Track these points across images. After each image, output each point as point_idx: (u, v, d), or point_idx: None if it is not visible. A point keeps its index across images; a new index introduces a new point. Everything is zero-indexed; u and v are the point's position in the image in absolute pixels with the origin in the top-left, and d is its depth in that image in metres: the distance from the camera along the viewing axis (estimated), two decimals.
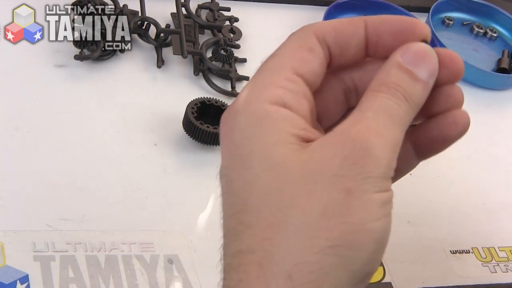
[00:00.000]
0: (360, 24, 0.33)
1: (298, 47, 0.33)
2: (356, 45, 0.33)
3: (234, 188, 0.30)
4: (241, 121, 0.30)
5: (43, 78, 0.58)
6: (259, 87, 0.31)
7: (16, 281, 0.41)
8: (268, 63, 0.33)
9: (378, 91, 0.30)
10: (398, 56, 0.31)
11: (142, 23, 0.64)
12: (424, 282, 0.49)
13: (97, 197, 0.48)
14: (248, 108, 0.31)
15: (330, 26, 0.33)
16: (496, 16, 0.84)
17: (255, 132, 0.30)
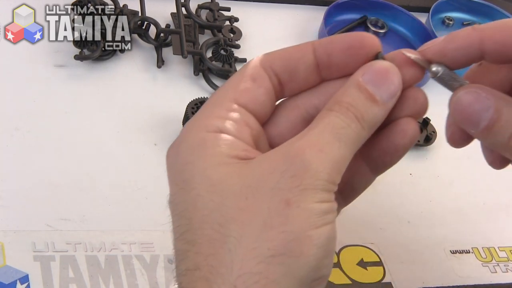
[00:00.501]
0: (307, 48, 0.34)
1: (242, 78, 0.34)
2: (305, 68, 0.34)
3: (179, 210, 0.31)
4: (181, 150, 0.32)
5: (43, 78, 0.58)
6: (199, 119, 0.33)
7: (16, 281, 0.41)
8: (213, 96, 0.34)
9: (330, 109, 0.31)
10: (359, 75, 0.32)
11: (142, 23, 0.64)
12: (424, 282, 0.49)
13: (97, 197, 0.48)
14: (187, 138, 0.32)
15: (276, 54, 0.34)
16: (496, 16, 0.84)
17: (195, 157, 0.31)
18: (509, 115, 0.33)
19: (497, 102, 0.33)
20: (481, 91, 0.34)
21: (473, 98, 0.34)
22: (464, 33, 0.35)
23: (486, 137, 0.35)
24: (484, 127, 0.34)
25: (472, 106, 0.34)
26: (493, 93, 0.34)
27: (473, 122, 0.34)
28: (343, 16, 0.76)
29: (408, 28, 0.77)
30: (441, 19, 0.82)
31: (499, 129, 0.34)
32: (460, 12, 0.84)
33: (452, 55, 0.35)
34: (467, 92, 0.34)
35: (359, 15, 0.77)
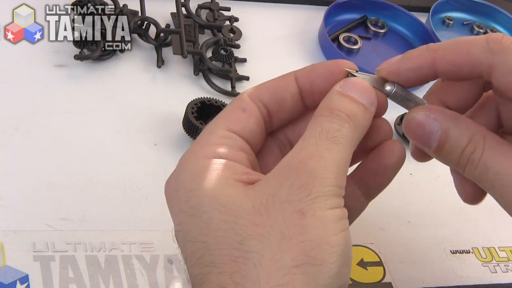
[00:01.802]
0: (290, 78, 0.36)
1: (232, 109, 0.35)
2: (292, 97, 0.36)
3: (192, 236, 0.31)
4: (182, 179, 0.33)
5: (43, 78, 0.58)
6: (194, 149, 0.34)
7: (16, 281, 0.41)
8: (206, 128, 0.35)
9: (320, 115, 0.33)
10: (337, 87, 0.34)
11: (142, 23, 0.64)
12: (424, 282, 0.49)
13: (97, 197, 0.48)
14: (186, 168, 0.33)
15: (264, 86, 0.36)
16: (496, 16, 0.84)
17: (198, 183, 0.32)
18: (457, 135, 0.35)
19: (445, 123, 0.35)
20: (431, 112, 0.36)
21: (423, 120, 0.35)
22: (418, 53, 0.36)
23: (439, 156, 0.36)
24: (435, 147, 0.36)
25: (422, 128, 0.36)
26: (442, 113, 0.36)
27: (425, 143, 0.36)
28: (343, 16, 0.76)
29: (408, 28, 0.77)
30: (441, 19, 0.82)
31: (449, 149, 0.35)
32: (460, 12, 0.84)
33: (406, 75, 0.36)
34: (418, 114, 0.36)
35: (359, 15, 0.77)
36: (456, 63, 0.36)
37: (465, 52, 0.35)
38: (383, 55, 0.73)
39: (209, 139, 0.34)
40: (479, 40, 0.35)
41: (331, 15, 0.74)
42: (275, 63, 0.68)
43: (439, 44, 0.37)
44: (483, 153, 0.35)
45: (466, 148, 0.35)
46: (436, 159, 0.38)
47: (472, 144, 0.35)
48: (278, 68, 0.67)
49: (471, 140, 0.35)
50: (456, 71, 0.36)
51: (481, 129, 0.36)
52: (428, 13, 0.77)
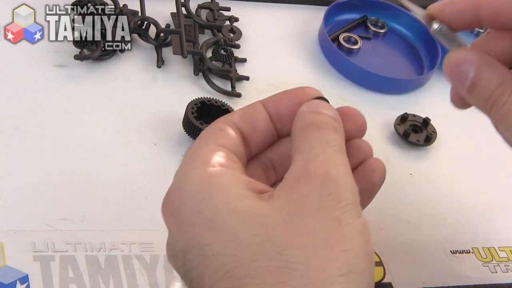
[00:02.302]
0: (258, 104, 0.37)
1: (209, 131, 0.35)
2: (263, 119, 0.36)
3: (215, 251, 0.30)
4: (188, 191, 0.32)
5: (43, 78, 0.58)
6: (190, 162, 0.33)
7: (16, 281, 0.41)
8: (190, 148, 0.34)
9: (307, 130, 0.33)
10: (304, 108, 0.35)
11: (142, 23, 0.64)
12: (424, 282, 0.49)
13: (97, 197, 0.48)
14: (189, 178, 0.32)
15: (234, 113, 0.36)
16: None
17: (209, 193, 0.31)
18: (488, 79, 0.37)
19: (480, 66, 0.37)
20: (470, 55, 0.37)
21: (461, 60, 0.37)
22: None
23: (470, 96, 0.38)
24: (467, 87, 0.37)
25: (459, 67, 0.37)
26: (480, 57, 0.37)
27: (459, 81, 0.38)
28: (343, 16, 0.76)
29: (408, 28, 0.77)
30: None
31: (479, 90, 0.37)
32: None
33: (451, 16, 0.38)
34: (458, 53, 0.38)
35: (359, 15, 0.77)
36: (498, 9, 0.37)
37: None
38: (383, 55, 0.73)
39: (199, 153, 0.33)
40: None
41: (331, 15, 0.74)
42: (275, 63, 0.68)
43: None
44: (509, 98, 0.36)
45: (494, 91, 0.36)
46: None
47: (501, 88, 0.36)
48: (278, 68, 0.68)
49: (501, 84, 0.36)
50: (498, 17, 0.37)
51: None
52: None
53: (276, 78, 0.65)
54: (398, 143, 0.62)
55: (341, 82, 0.68)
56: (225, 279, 0.29)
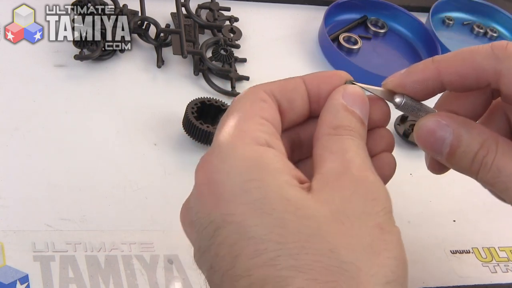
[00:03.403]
0: (299, 80, 0.36)
1: (253, 100, 0.34)
2: (301, 98, 0.35)
3: (258, 234, 0.28)
4: (235, 165, 0.30)
5: (43, 78, 0.58)
6: (236, 133, 0.32)
7: (16, 281, 0.41)
8: (230, 115, 0.33)
9: (340, 134, 0.33)
10: (340, 98, 0.34)
11: (142, 23, 0.64)
12: (424, 282, 0.49)
13: (97, 197, 0.48)
14: (237, 151, 0.31)
15: (275, 84, 0.35)
16: (496, 16, 0.84)
17: (260, 175, 0.30)
18: (469, 140, 0.35)
19: (457, 128, 0.35)
20: (442, 119, 0.36)
21: (434, 126, 0.36)
22: (423, 66, 0.37)
23: (451, 163, 0.37)
24: (446, 153, 0.36)
25: (433, 135, 0.36)
26: (454, 119, 0.36)
27: (436, 150, 0.36)
28: (343, 16, 0.76)
29: (408, 28, 0.77)
30: (441, 19, 0.82)
31: (461, 155, 0.36)
32: (460, 12, 0.84)
33: (412, 88, 0.37)
34: (428, 121, 0.36)
35: (359, 15, 0.77)
36: (461, 73, 0.36)
37: (470, 61, 0.36)
38: (383, 55, 0.73)
39: (245, 125, 0.32)
40: (483, 48, 0.35)
41: (331, 15, 0.74)
42: (275, 63, 0.68)
43: (443, 56, 0.37)
44: (496, 156, 0.35)
45: (478, 152, 0.35)
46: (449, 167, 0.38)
47: (484, 148, 0.35)
48: (278, 68, 0.67)
49: (483, 145, 0.35)
50: (462, 81, 0.36)
51: (493, 134, 0.36)
52: (428, 13, 0.77)
53: (276, 78, 0.65)
54: (398, 143, 0.62)
55: None
56: (268, 265, 0.28)
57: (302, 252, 0.28)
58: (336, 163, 0.31)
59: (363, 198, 0.30)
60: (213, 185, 0.30)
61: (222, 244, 0.29)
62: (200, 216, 0.31)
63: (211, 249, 0.30)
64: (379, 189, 0.31)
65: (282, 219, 0.28)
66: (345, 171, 0.31)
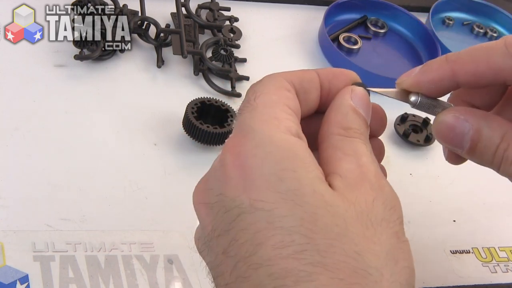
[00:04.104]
0: (314, 72, 0.35)
1: (278, 87, 0.33)
2: (315, 90, 0.35)
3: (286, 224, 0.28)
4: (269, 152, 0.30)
5: (43, 78, 0.58)
6: (270, 121, 0.31)
7: (16, 281, 0.41)
8: (259, 101, 0.33)
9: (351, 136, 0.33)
10: (349, 99, 0.34)
11: (142, 23, 0.64)
12: (424, 282, 0.49)
13: (97, 197, 0.48)
14: (273, 138, 0.30)
15: (294, 73, 0.35)
16: (496, 16, 0.84)
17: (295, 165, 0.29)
18: (489, 134, 0.35)
19: (476, 123, 0.35)
20: (460, 114, 0.36)
21: (453, 122, 0.36)
22: (437, 66, 0.37)
23: (473, 156, 0.37)
24: (468, 148, 0.36)
25: (453, 130, 0.36)
26: (472, 114, 0.36)
27: (457, 145, 0.36)
28: (343, 16, 0.76)
29: (408, 28, 0.77)
30: (441, 19, 0.82)
31: (482, 149, 0.36)
32: (460, 12, 0.84)
33: (427, 87, 0.37)
34: (447, 117, 0.36)
35: (359, 15, 0.77)
36: (476, 73, 0.35)
37: (485, 60, 0.35)
38: (383, 55, 0.73)
39: (278, 112, 0.31)
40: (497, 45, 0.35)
41: (331, 15, 0.74)
42: (275, 63, 0.68)
43: (457, 54, 0.36)
44: None
45: (500, 145, 0.35)
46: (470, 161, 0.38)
47: (505, 142, 0.35)
48: (278, 68, 0.67)
49: (504, 138, 0.35)
50: (478, 81, 0.36)
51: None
52: (428, 13, 0.77)
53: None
54: (398, 143, 0.62)
55: None
56: (293, 258, 0.27)
57: (330, 250, 0.28)
58: (353, 166, 0.31)
59: (383, 206, 0.30)
60: (246, 170, 0.30)
61: (245, 230, 0.29)
62: (224, 198, 0.30)
63: (230, 233, 0.29)
64: (395, 199, 0.32)
65: (313, 214, 0.28)
66: (364, 177, 0.31)
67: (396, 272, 0.29)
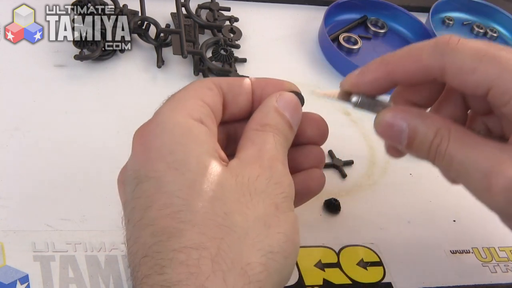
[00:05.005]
0: (246, 79, 0.40)
1: (200, 86, 0.38)
2: (246, 94, 0.39)
3: (169, 189, 0.32)
4: (168, 129, 0.34)
5: (43, 78, 0.58)
6: (177, 107, 0.36)
7: (16, 281, 0.41)
8: (176, 95, 0.37)
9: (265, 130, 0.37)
10: (274, 101, 0.38)
11: (142, 23, 0.64)
12: (424, 282, 0.49)
13: (97, 197, 0.48)
14: (173, 120, 0.35)
15: (224, 78, 0.39)
16: (496, 16, 0.84)
17: (186, 141, 0.34)
18: (424, 130, 0.38)
19: (412, 121, 0.38)
20: (397, 113, 0.39)
21: (391, 120, 0.39)
22: (373, 67, 0.41)
23: (411, 151, 0.40)
24: (405, 144, 0.39)
25: (392, 128, 0.39)
26: (409, 112, 0.39)
27: (396, 141, 0.40)
28: (343, 16, 0.76)
29: (408, 28, 0.77)
30: (441, 19, 0.82)
31: (418, 144, 0.39)
32: (460, 12, 0.84)
33: (366, 87, 0.40)
34: (386, 116, 0.39)
35: (359, 15, 0.77)
36: (409, 71, 0.39)
37: (416, 58, 0.38)
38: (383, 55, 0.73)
39: (187, 103, 0.36)
40: (427, 44, 0.38)
41: (331, 15, 0.74)
42: (275, 63, 0.68)
43: (392, 54, 0.40)
44: (448, 144, 0.37)
45: (433, 141, 0.38)
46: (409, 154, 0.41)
47: (438, 137, 0.38)
48: (278, 68, 0.67)
49: (437, 133, 0.38)
50: (411, 78, 0.39)
51: (446, 122, 0.38)
52: (428, 13, 0.77)
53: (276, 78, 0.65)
54: None
55: None
56: (169, 217, 0.31)
57: (201, 210, 0.31)
58: (254, 151, 0.35)
59: (267, 181, 0.34)
60: (145, 146, 0.34)
61: (140, 197, 0.33)
62: (130, 173, 0.34)
63: (131, 202, 0.33)
64: (283, 177, 0.35)
65: (192, 180, 0.32)
66: (258, 158, 0.35)
67: (266, 235, 0.32)
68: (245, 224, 0.32)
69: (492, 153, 0.36)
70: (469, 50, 0.37)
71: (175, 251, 0.30)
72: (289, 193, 0.35)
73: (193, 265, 0.30)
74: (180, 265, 0.30)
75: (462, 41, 0.37)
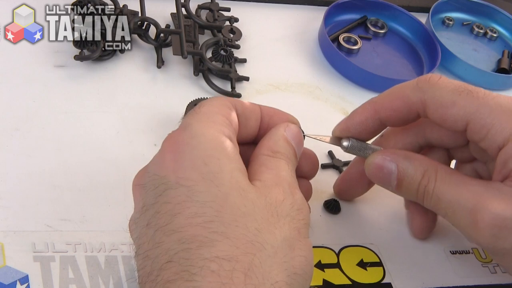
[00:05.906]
0: (257, 106, 0.41)
1: (222, 105, 0.39)
2: (255, 120, 0.41)
3: (202, 199, 0.33)
4: (202, 141, 0.35)
5: (43, 78, 0.58)
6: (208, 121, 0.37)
7: (16, 281, 0.41)
8: (202, 109, 0.38)
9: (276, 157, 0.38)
10: (283, 131, 0.40)
11: (142, 23, 0.64)
12: (424, 282, 0.49)
13: (97, 197, 0.48)
14: (206, 132, 0.36)
15: (238, 101, 0.40)
16: (496, 16, 0.84)
17: (220, 155, 0.35)
18: (412, 172, 0.41)
19: (401, 163, 0.41)
20: (387, 155, 0.42)
21: (381, 163, 0.41)
22: (361, 109, 0.43)
23: (401, 192, 0.42)
24: (395, 186, 0.42)
25: (382, 170, 0.42)
26: (397, 155, 0.42)
27: (386, 183, 0.42)
28: (343, 16, 0.76)
29: (408, 29, 0.77)
30: (441, 19, 0.82)
31: (407, 185, 0.41)
32: (460, 12, 0.84)
33: (355, 129, 0.43)
34: (376, 158, 0.42)
35: (359, 15, 0.77)
36: (394, 108, 0.41)
37: (400, 95, 0.41)
38: (383, 55, 0.73)
39: (217, 118, 0.37)
40: (410, 83, 0.41)
41: (331, 15, 0.74)
42: (275, 63, 0.68)
43: (378, 96, 0.43)
44: (435, 184, 0.40)
45: (421, 182, 0.40)
46: None
47: (425, 178, 0.40)
48: (278, 68, 0.68)
49: (425, 174, 0.40)
50: (396, 115, 0.42)
51: (433, 163, 0.41)
52: (428, 13, 0.77)
53: (276, 78, 0.65)
54: None
55: (341, 82, 0.68)
56: (200, 226, 0.32)
57: (233, 223, 0.32)
58: (272, 175, 0.37)
59: (290, 206, 0.35)
60: (178, 154, 0.35)
61: (167, 202, 0.33)
62: (155, 178, 0.35)
63: (155, 206, 0.34)
64: (304, 205, 0.37)
65: (226, 194, 0.33)
66: (279, 183, 0.36)
67: (292, 257, 0.33)
68: (275, 243, 0.33)
69: (477, 190, 0.38)
70: (448, 85, 0.39)
71: (206, 260, 0.31)
72: (308, 221, 0.37)
73: (226, 276, 0.30)
74: (212, 274, 0.30)
75: (442, 78, 0.40)
